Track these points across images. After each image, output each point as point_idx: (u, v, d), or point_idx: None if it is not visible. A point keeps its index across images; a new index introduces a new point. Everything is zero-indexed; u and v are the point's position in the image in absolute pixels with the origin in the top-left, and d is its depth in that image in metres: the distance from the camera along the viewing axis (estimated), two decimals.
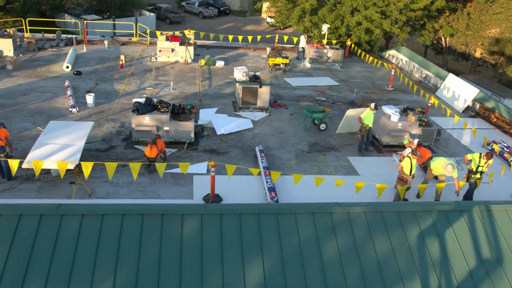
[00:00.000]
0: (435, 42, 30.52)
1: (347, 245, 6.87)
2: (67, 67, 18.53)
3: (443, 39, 29.86)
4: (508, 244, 7.32)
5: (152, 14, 36.69)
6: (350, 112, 14.45)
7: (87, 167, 8.96)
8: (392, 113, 13.88)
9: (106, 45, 22.57)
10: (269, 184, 10.95)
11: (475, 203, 7.85)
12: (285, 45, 26.37)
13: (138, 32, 26.58)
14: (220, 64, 21.19)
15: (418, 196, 11.69)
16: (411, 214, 7.39)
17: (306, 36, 23.47)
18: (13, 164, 8.80)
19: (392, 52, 25.28)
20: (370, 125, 13.19)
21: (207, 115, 15.06)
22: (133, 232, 6.44)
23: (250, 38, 26.42)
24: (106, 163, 9.16)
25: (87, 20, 26.46)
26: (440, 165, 11.22)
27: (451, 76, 19.71)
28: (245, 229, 6.73)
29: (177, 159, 12.32)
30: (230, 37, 24.90)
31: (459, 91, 18.69)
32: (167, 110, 12.75)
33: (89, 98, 15.23)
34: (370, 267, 6.71)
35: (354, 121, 14.39)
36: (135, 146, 12.76)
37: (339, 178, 11.25)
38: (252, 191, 11.08)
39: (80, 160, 10.26)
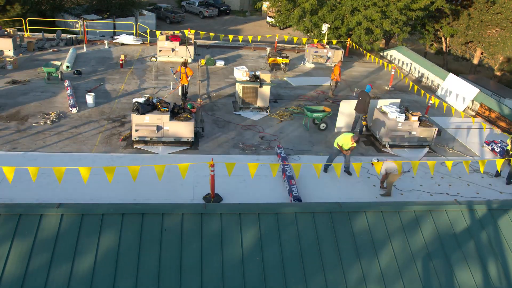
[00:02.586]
0: (435, 43, 30.52)
1: (347, 245, 6.86)
2: (67, 66, 18.51)
3: (443, 39, 29.86)
4: (509, 244, 7.31)
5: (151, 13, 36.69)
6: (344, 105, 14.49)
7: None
8: (391, 112, 13.89)
9: (106, 45, 22.56)
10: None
11: (475, 202, 7.84)
12: (285, 45, 26.38)
13: (138, 31, 26.59)
14: (220, 63, 21.19)
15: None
16: (411, 214, 7.38)
17: None
18: None
19: (392, 52, 25.28)
20: None
21: None
22: (133, 232, 6.44)
23: (250, 38, 26.42)
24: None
25: (87, 20, 26.45)
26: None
27: (451, 76, 19.71)
28: (245, 229, 6.73)
29: (177, 159, 12.32)
30: (230, 37, 24.89)
31: (459, 91, 18.71)
32: (167, 109, 12.74)
33: (89, 98, 15.22)
34: (371, 267, 6.70)
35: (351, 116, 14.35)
36: (134, 146, 12.76)
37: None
38: (251, 190, 11.08)
39: None
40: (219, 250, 6.45)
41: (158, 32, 22.21)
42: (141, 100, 12.91)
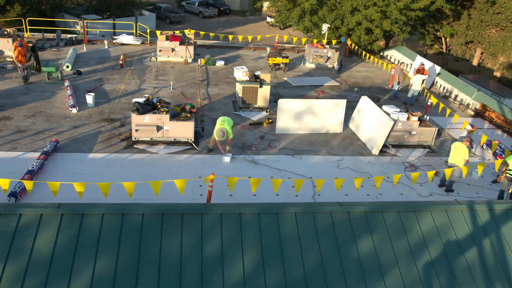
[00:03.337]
0: (435, 44, 30.51)
1: (347, 245, 6.86)
2: (67, 66, 18.51)
3: (443, 40, 29.85)
4: (509, 244, 7.32)
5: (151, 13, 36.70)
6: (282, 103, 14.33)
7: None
8: (391, 112, 13.90)
9: (106, 45, 22.55)
10: None
11: (475, 202, 7.84)
12: (285, 45, 26.38)
13: (138, 31, 26.59)
14: (220, 63, 21.18)
15: None
16: (411, 214, 7.38)
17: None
18: None
19: (392, 52, 25.27)
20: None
21: None
22: (133, 232, 6.44)
23: (250, 38, 26.41)
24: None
25: (87, 20, 26.45)
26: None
27: (418, 57, 21.89)
28: (245, 229, 6.73)
29: (177, 159, 12.32)
30: (230, 37, 24.88)
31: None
32: (167, 109, 12.74)
33: (89, 98, 15.22)
34: (371, 267, 6.69)
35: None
36: (134, 146, 12.76)
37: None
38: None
39: None
40: (219, 249, 6.45)
41: (158, 32, 22.19)
42: (141, 100, 12.91)
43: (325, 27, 23.39)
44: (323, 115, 14.56)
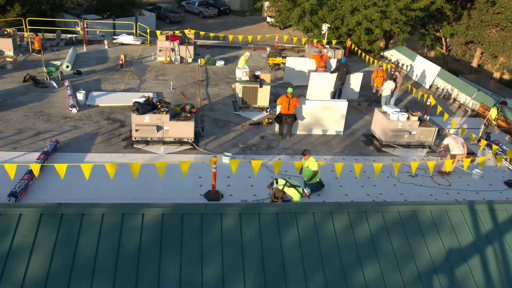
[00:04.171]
0: (436, 45, 30.51)
1: (347, 245, 6.85)
2: (67, 66, 18.51)
3: (443, 40, 29.86)
4: (509, 244, 7.31)
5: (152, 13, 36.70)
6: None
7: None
8: (392, 112, 13.90)
9: (106, 45, 22.54)
10: None
11: (476, 202, 7.83)
12: (285, 45, 26.37)
13: (138, 31, 26.59)
14: (220, 63, 21.18)
15: None
16: (411, 214, 7.38)
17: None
18: None
19: (392, 52, 25.26)
20: None
21: None
22: (133, 232, 6.43)
23: (250, 37, 26.41)
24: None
25: (87, 20, 26.45)
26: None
27: (418, 58, 22.19)
28: (245, 229, 6.72)
29: (177, 159, 12.32)
30: (230, 37, 24.87)
31: (425, 71, 21.29)
32: (167, 109, 12.74)
33: (80, 95, 15.19)
34: (371, 267, 6.69)
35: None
36: (134, 146, 12.76)
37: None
38: (252, 189, 11.09)
39: None
40: (219, 249, 6.45)
41: (158, 32, 22.20)
42: (141, 100, 12.91)
43: (325, 27, 23.37)
44: (324, 115, 14.56)
